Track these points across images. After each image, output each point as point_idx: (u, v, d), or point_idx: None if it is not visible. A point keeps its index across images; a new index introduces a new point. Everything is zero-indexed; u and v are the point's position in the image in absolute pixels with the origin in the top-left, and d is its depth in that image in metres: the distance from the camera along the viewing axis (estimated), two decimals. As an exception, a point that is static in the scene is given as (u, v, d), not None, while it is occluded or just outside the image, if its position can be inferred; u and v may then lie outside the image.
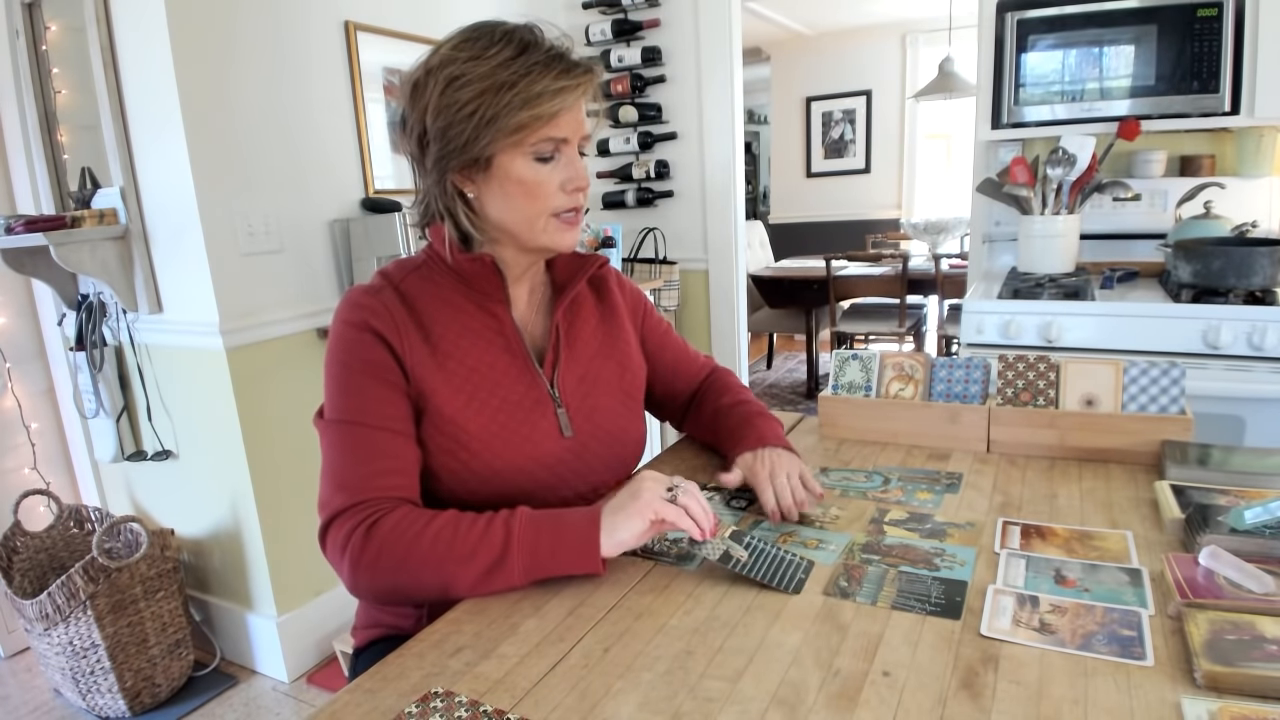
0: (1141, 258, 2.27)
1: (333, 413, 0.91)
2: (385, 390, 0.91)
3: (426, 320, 0.95)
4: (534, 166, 0.90)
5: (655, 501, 0.83)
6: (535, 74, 0.86)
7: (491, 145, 0.88)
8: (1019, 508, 0.98)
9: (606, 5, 2.98)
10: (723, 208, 3.02)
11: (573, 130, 0.91)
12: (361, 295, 0.94)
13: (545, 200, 0.92)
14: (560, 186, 0.92)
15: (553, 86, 0.86)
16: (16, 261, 1.98)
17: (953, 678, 0.66)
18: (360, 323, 0.92)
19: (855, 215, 5.88)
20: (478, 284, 0.97)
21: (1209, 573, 0.76)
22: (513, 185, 0.91)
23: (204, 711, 2.00)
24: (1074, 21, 2.07)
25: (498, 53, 0.87)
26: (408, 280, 0.97)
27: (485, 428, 0.94)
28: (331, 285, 2.18)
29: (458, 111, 0.87)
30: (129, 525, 2.06)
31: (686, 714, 0.64)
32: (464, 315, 0.97)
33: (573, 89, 0.88)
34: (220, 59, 1.88)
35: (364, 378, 0.91)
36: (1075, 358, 1.16)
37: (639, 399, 1.13)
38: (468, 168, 0.91)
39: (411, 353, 0.92)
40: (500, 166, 0.90)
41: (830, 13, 5.20)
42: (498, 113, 0.86)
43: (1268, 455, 1.02)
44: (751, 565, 0.83)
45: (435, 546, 0.83)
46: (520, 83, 0.86)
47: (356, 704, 0.68)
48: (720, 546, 0.84)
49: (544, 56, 0.87)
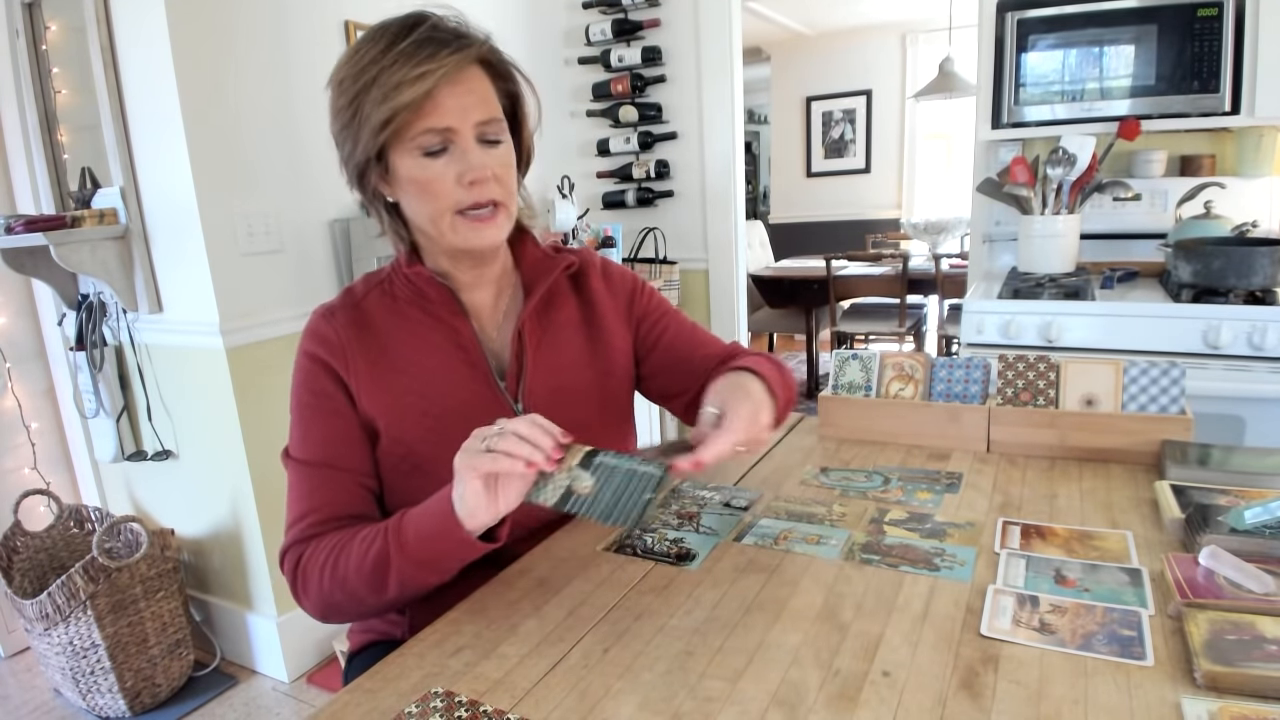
0: (1141, 258, 2.27)
1: (290, 447, 0.92)
2: (333, 421, 0.91)
3: (380, 339, 0.93)
4: (422, 163, 0.84)
5: (472, 461, 0.74)
6: (396, 65, 0.80)
7: (372, 145, 0.83)
8: (1019, 508, 0.98)
9: (606, 5, 2.98)
10: (723, 208, 3.02)
11: (458, 118, 0.83)
12: (315, 319, 0.94)
13: (443, 198, 0.85)
14: (456, 180, 0.85)
15: (411, 74, 0.80)
16: (16, 261, 1.98)
17: (953, 678, 0.66)
18: (308, 350, 0.92)
19: (855, 215, 5.88)
20: (429, 295, 0.94)
21: (1209, 573, 0.76)
22: (410, 185, 0.86)
23: (204, 711, 2.00)
24: (1074, 21, 2.07)
25: (369, 49, 0.83)
26: (370, 297, 0.95)
27: (436, 445, 0.87)
28: (331, 285, 2.18)
29: (339, 116, 0.85)
30: (129, 525, 2.06)
31: (686, 714, 0.64)
32: (422, 329, 0.94)
33: (433, 73, 0.80)
34: (220, 59, 1.88)
35: (312, 412, 0.91)
36: (1075, 358, 1.16)
37: (626, 405, 1.07)
38: (375, 172, 0.87)
39: (356, 378, 0.91)
40: (394, 167, 0.86)
41: (830, 13, 5.19)
42: (370, 111, 0.82)
43: (1268, 455, 1.02)
44: (592, 501, 0.74)
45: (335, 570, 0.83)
46: (381, 75, 0.81)
47: (356, 704, 0.69)
48: (563, 482, 0.75)
49: (411, 45, 0.81)
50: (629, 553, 0.92)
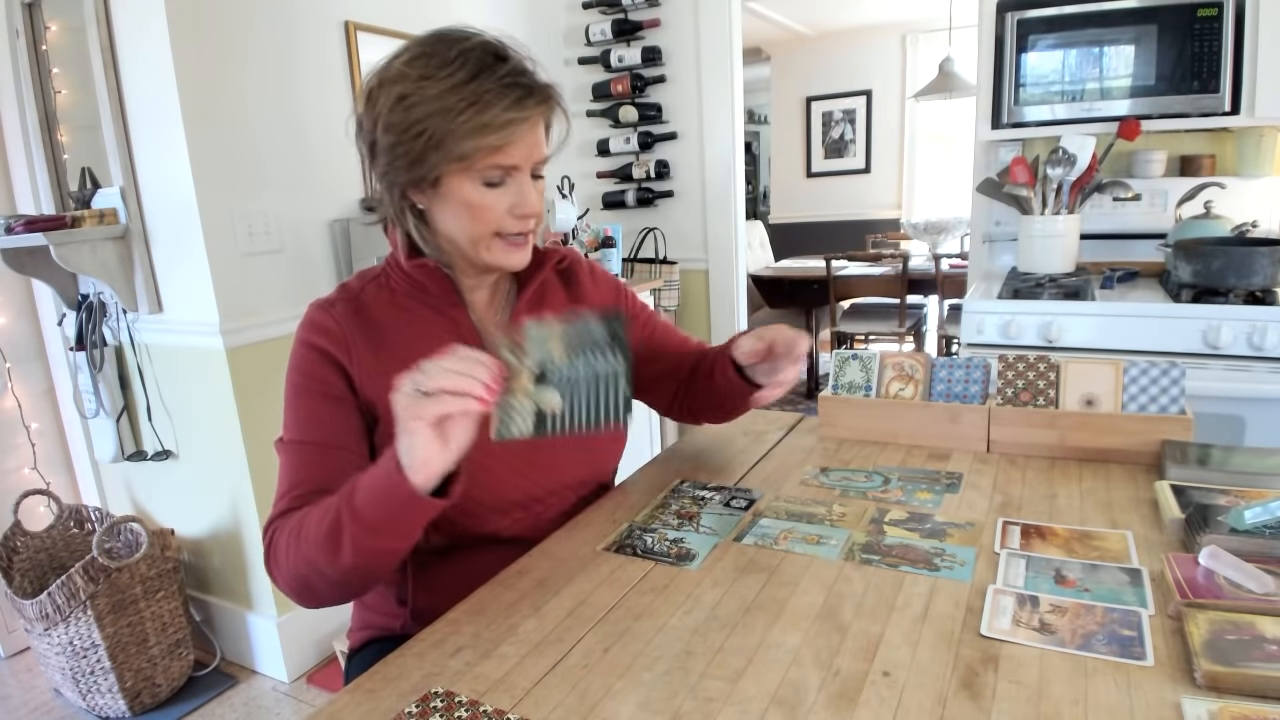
0: (1141, 258, 2.27)
1: (284, 430, 0.93)
2: (331, 406, 0.91)
3: (380, 329, 0.94)
4: (481, 191, 0.88)
5: (411, 409, 0.72)
6: (486, 101, 0.83)
7: (439, 168, 0.86)
8: (1019, 508, 0.98)
9: (606, 5, 2.98)
10: (723, 208, 3.02)
11: (524, 157, 0.88)
12: (313, 311, 0.95)
13: (491, 224, 0.90)
14: (508, 211, 0.90)
15: (502, 118, 0.84)
16: (16, 261, 1.98)
17: (953, 678, 0.66)
18: (304, 341, 0.93)
19: (855, 215, 5.88)
20: (429, 288, 0.97)
21: (1209, 573, 0.76)
22: (459, 206, 0.89)
23: (204, 711, 2.00)
24: (1074, 21, 2.07)
25: (450, 74, 0.83)
26: (366, 290, 0.97)
27: None
28: (331, 285, 2.17)
29: (404, 132, 0.85)
30: (129, 525, 2.06)
31: (686, 714, 0.64)
32: (420, 321, 0.96)
33: (522, 121, 0.85)
34: (220, 59, 1.88)
35: (309, 395, 0.92)
36: (1075, 358, 1.16)
37: None
38: (416, 183, 0.89)
39: (358, 365, 0.92)
40: (448, 187, 0.88)
41: (830, 13, 5.20)
42: (444, 138, 0.84)
43: (1268, 455, 1.02)
44: (570, 415, 0.70)
45: (297, 543, 0.82)
46: (468, 110, 0.83)
47: (356, 704, 0.69)
48: (528, 408, 0.71)
49: (496, 85, 0.84)
50: (629, 553, 0.92)
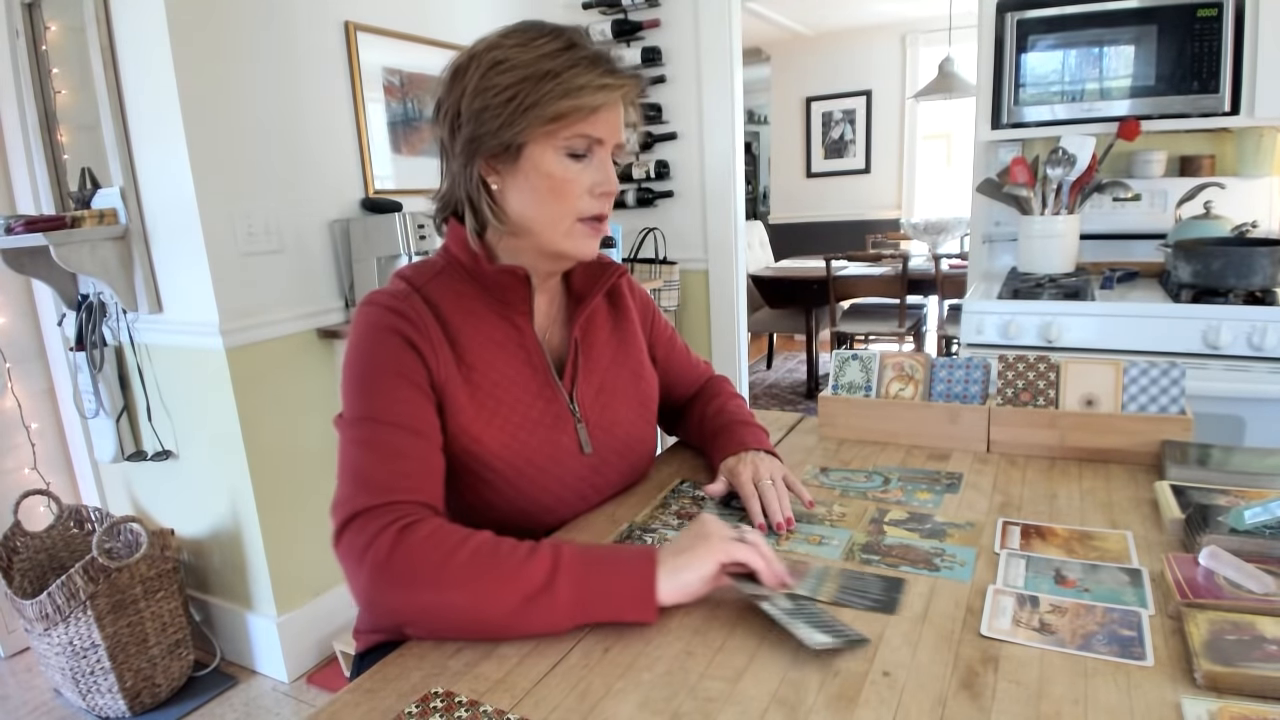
0: (1141, 258, 2.27)
1: (357, 411, 0.85)
2: (415, 393, 0.86)
3: (452, 329, 0.91)
4: (564, 162, 0.88)
5: (726, 542, 0.77)
6: (581, 68, 0.85)
7: (526, 132, 0.86)
8: (1019, 508, 0.98)
9: (606, 5, 2.98)
10: (723, 208, 3.02)
11: (609, 132, 0.89)
12: (390, 299, 0.90)
13: (572, 200, 0.89)
14: (589, 189, 0.89)
15: (596, 82, 0.86)
16: (16, 261, 1.98)
17: (953, 678, 0.66)
18: (390, 327, 0.88)
19: (855, 215, 5.88)
20: (503, 294, 0.94)
21: (1209, 573, 0.76)
22: (540, 179, 0.88)
23: (204, 711, 2.00)
24: (1074, 21, 2.07)
25: (545, 43, 0.86)
26: (430, 286, 0.93)
27: (506, 445, 0.92)
28: (331, 285, 2.18)
29: (496, 95, 0.85)
30: (129, 525, 2.06)
31: (686, 714, 0.64)
32: (486, 325, 0.94)
33: (616, 88, 0.87)
34: (220, 59, 1.88)
35: (394, 378, 0.86)
36: (1075, 358, 1.16)
37: (653, 406, 1.10)
38: (496, 155, 0.88)
39: (441, 363, 0.88)
40: (530, 158, 0.87)
41: (830, 13, 5.20)
42: (538, 99, 0.84)
43: (1268, 455, 1.02)
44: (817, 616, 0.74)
45: (474, 562, 0.75)
46: (565, 73, 0.85)
47: (356, 704, 0.68)
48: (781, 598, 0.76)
49: (590, 54, 0.87)
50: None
